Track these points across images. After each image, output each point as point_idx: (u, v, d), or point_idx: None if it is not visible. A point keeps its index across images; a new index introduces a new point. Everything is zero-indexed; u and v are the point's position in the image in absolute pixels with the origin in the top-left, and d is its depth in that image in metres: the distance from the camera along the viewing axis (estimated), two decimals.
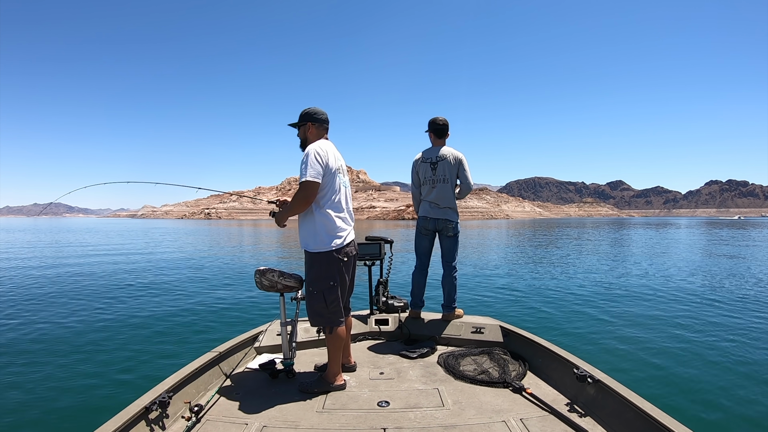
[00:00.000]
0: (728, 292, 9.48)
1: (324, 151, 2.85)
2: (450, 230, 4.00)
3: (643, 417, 2.17)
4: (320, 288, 2.87)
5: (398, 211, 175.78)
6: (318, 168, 2.79)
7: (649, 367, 4.89)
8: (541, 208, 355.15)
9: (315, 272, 2.90)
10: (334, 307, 2.91)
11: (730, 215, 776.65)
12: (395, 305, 4.19)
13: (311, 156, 2.80)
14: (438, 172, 3.96)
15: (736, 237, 33.27)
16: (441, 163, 3.96)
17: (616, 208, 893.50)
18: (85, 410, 3.93)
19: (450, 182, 3.98)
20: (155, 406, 2.36)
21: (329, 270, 2.88)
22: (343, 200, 2.99)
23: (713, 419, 3.75)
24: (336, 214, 2.91)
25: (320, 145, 2.89)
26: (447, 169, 3.95)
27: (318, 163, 2.80)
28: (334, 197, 2.92)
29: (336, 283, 2.90)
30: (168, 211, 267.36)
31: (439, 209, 4.00)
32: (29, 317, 7.35)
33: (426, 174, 4.02)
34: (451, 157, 3.95)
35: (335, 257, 2.88)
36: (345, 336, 3.02)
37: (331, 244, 2.87)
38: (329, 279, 2.87)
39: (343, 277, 2.96)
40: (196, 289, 10.25)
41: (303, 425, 2.43)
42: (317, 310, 2.91)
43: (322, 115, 3.04)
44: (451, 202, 4.00)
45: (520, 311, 7.82)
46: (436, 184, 3.98)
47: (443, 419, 2.48)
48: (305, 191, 2.80)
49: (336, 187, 2.92)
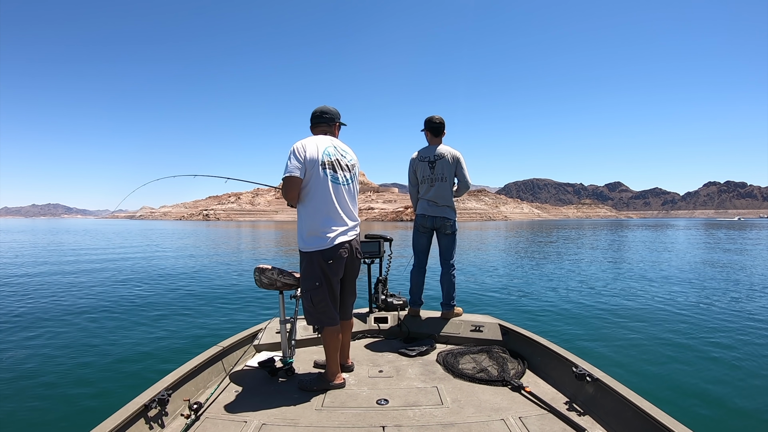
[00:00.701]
0: (728, 292, 9.50)
1: (302, 145, 2.78)
2: (448, 228, 4.01)
3: (642, 415, 2.17)
4: (306, 287, 2.85)
5: (396, 212, 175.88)
6: (295, 162, 2.73)
7: (648, 366, 4.90)
8: (539, 210, 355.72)
9: (302, 271, 2.89)
10: (322, 307, 2.84)
11: (728, 216, 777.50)
12: (394, 303, 4.19)
13: (292, 151, 2.77)
14: (436, 170, 3.97)
15: (736, 238, 33.24)
16: (439, 162, 3.97)
17: (614, 210, 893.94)
18: (84, 408, 3.92)
19: (448, 181, 3.99)
20: (154, 403, 2.36)
21: (313, 270, 2.81)
22: (333, 197, 2.82)
23: (712, 418, 3.75)
24: (320, 212, 2.79)
25: (304, 140, 2.85)
26: (445, 167, 3.96)
27: (296, 157, 2.74)
28: (318, 194, 2.79)
29: (321, 284, 2.81)
30: (166, 213, 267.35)
31: (437, 207, 4.00)
32: (29, 317, 7.33)
33: (424, 173, 4.02)
34: (449, 156, 3.96)
35: (318, 258, 2.78)
36: (338, 337, 2.93)
37: (314, 245, 2.78)
38: (314, 279, 2.81)
39: (330, 279, 2.83)
40: (196, 288, 10.26)
41: (302, 423, 2.43)
42: (306, 308, 2.91)
43: (316, 112, 3.02)
44: (449, 200, 4.02)
45: (520, 310, 7.83)
46: (434, 182, 3.99)
47: (442, 417, 2.48)
48: (284, 187, 2.79)
49: (320, 182, 2.79)
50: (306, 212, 2.81)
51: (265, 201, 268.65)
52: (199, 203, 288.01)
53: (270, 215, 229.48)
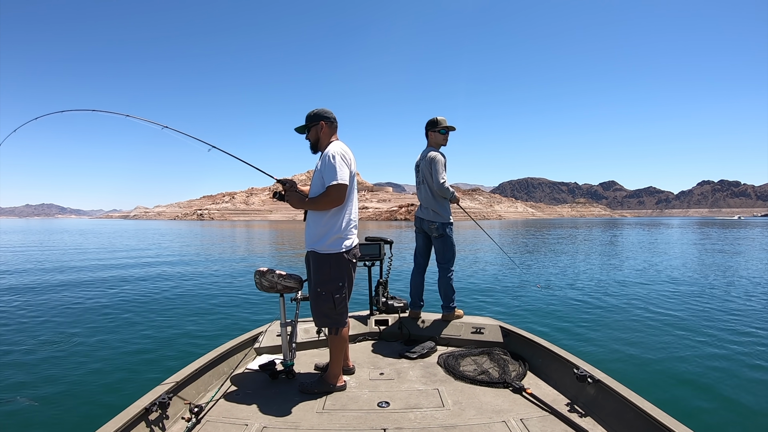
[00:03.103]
0: (728, 292, 9.50)
1: (349, 154, 2.87)
2: (434, 231, 4.02)
3: (644, 417, 2.18)
4: (329, 289, 2.86)
5: (390, 211, 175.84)
6: (346, 170, 2.79)
7: (650, 367, 4.89)
8: (533, 209, 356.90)
9: (324, 273, 2.87)
10: (342, 308, 2.91)
11: (722, 215, 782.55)
12: (395, 306, 4.20)
13: (338, 158, 2.76)
14: (419, 174, 4.09)
15: (737, 238, 33.02)
16: (421, 165, 4.07)
17: (608, 209, 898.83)
18: (85, 412, 3.90)
19: (428, 183, 4.02)
20: (155, 407, 2.35)
21: (339, 271, 2.87)
22: (354, 203, 3.00)
23: (713, 419, 3.74)
24: (351, 216, 2.94)
25: (344, 147, 2.89)
26: (425, 170, 4.02)
27: (345, 165, 2.80)
28: (352, 199, 2.94)
29: (344, 284, 2.91)
30: (161, 212, 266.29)
31: (423, 209, 4.11)
32: (28, 317, 7.28)
33: (416, 176, 4.18)
34: (426, 159, 4.01)
35: (346, 259, 2.88)
36: (347, 338, 3.04)
37: (343, 246, 2.87)
38: (338, 280, 2.87)
39: (351, 278, 2.97)
40: (196, 290, 10.19)
41: (303, 426, 2.43)
42: (324, 311, 2.90)
43: (332, 114, 2.99)
44: (431, 203, 4.02)
45: (520, 311, 7.81)
46: (419, 185, 4.12)
47: (443, 419, 2.48)
48: (337, 193, 2.76)
49: (353, 188, 2.94)
50: (342, 216, 2.88)
51: (259, 200, 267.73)
52: (193, 203, 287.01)
53: (264, 215, 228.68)
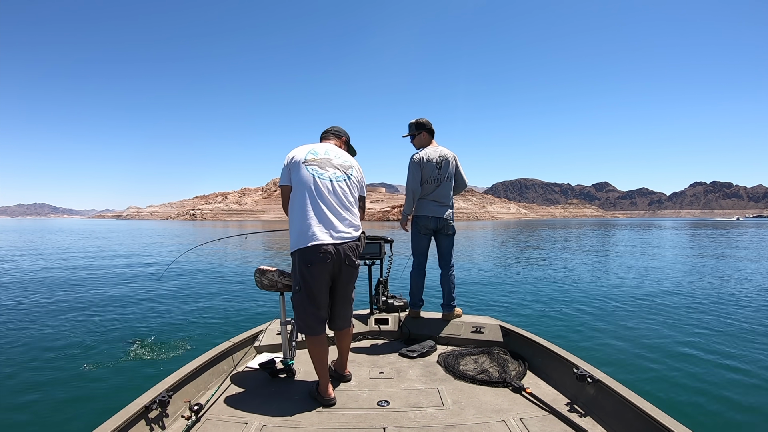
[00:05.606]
0: (728, 292, 9.53)
1: (291, 153, 2.80)
2: (450, 229, 4.08)
3: (643, 417, 2.18)
4: (292, 290, 2.80)
5: (383, 212, 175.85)
6: (286, 171, 2.77)
7: (650, 367, 4.89)
8: (526, 210, 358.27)
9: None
10: (300, 313, 2.71)
11: (714, 216, 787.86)
12: (395, 305, 4.20)
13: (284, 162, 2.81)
14: (443, 171, 4.04)
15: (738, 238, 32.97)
16: (444, 162, 4.04)
17: (601, 210, 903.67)
18: (84, 410, 3.87)
19: (452, 180, 4.10)
20: (155, 405, 2.34)
21: (294, 273, 2.73)
22: (315, 194, 2.66)
23: (713, 419, 3.75)
24: (303, 209, 2.65)
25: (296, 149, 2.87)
26: (450, 167, 4.06)
27: (284, 165, 2.78)
28: (300, 191, 2.68)
29: (300, 288, 2.66)
30: (153, 212, 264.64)
31: (442, 207, 4.05)
32: (27, 317, 7.23)
33: (432, 173, 4.04)
34: (450, 157, 4.07)
35: (297, 260, 2.65)
36: (319, 349, 2.73)
37: (295, 245, 2.65)
38: (295, 283, 2.71)
39: (309, 283, 2.63)
40: (195, 289, 10.15)
41: (303, 424, 2.42)
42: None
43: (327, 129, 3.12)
44: (451, 201, 4.11)
45: (520, 311, 7.82)
46: (441, 182, 4.05)
47: (443, 419, 2.48)
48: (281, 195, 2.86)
49: (303, 179, 2.68)
50: (291, 210, 2.73)
51: (252, 201, 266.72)
52: (186, 203, 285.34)
53: (257, 215, 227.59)
